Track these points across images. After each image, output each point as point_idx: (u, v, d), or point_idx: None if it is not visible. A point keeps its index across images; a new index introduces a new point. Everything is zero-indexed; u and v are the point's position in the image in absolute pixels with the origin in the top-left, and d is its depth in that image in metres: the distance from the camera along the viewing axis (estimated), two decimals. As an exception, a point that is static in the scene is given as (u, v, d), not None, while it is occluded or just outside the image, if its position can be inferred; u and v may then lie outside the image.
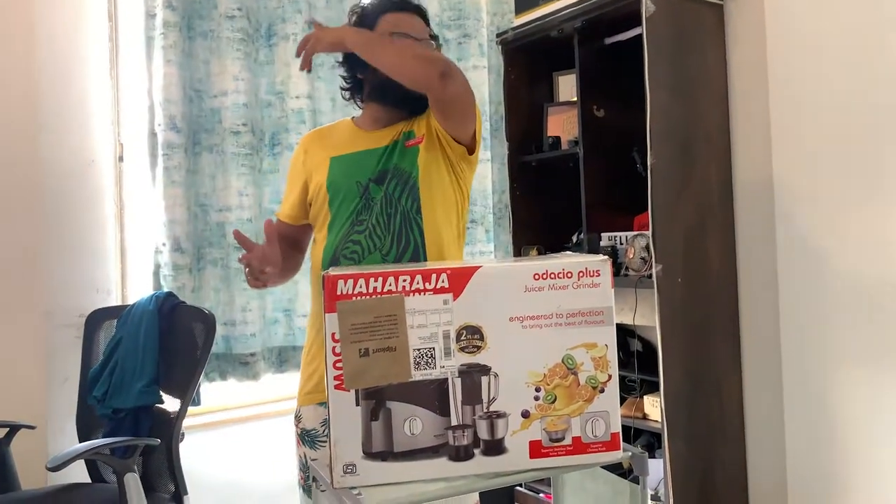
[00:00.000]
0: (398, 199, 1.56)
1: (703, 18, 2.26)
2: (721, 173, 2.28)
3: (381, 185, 1.57)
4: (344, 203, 1.58)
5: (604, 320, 1.14)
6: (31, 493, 2.00)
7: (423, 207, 1.57)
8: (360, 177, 1.58)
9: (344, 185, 1.59)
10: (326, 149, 1.65)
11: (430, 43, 1.62)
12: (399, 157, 1.59)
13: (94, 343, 2.23)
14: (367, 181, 1.57)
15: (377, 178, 1.57)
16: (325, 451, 1.49)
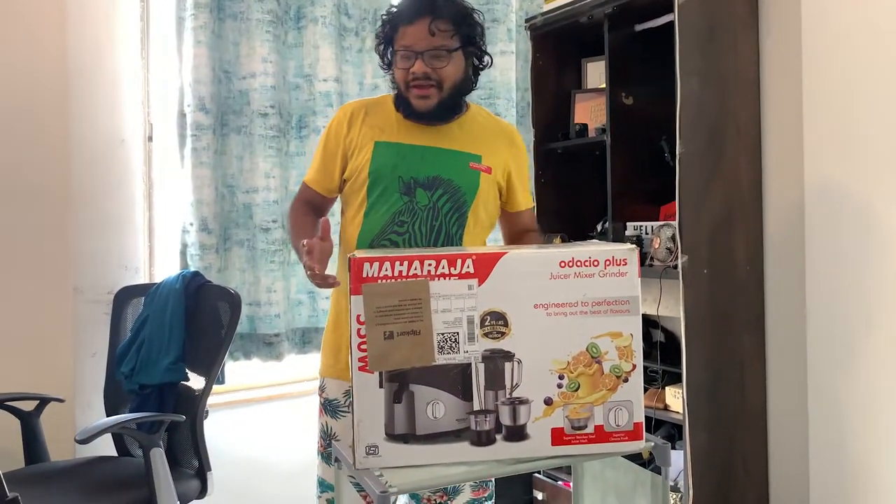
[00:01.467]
0: (445, 215, 1.56)
1: (737, 6, 2.22)
2: (751, 164, 2.25)
3: (429, 192, 1.56)
4: (384, 195, 1.56)
5: (629, 309, 1.14)
6: (60, 465, 2.05)
7: (466, 235, 1.59)
8: (403, 172, 1.56)
9: (387, 176, 1.57)
10: (373, 128, 1.61)
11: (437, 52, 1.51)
12: (457, 172, 1.58)
13: (121, 319, 2.26)
14: (410, 179, 1.56)
15: (426, 182, 1.56)
16: (346, 423, 1.54)
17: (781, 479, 2.25)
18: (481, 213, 1.61)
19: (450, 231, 1.56)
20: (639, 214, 2.39)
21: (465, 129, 1.63)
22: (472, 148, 1.60)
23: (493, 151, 1.62)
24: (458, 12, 1.54)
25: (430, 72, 1.52)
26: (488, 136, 1.65)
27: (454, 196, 1.57)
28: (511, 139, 1.69)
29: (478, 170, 1.59)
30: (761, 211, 2.27)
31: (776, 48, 2.22)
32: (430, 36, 1.50)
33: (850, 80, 2.04)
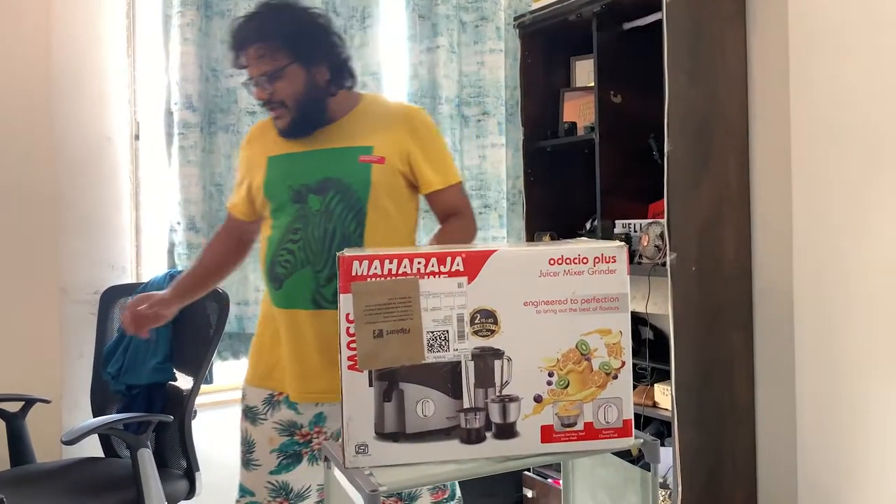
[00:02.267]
0: (339, 216, 1.51)
1: (724, 4, 2.23)
2: (739, 162, 2.26)
3: (321, 195, 1.51)
4: (280, 208, 1.55)
5: (618, 307, 1.14)
6: (46, 466, 2.03)
7: (369, 233, 1.52)
8: (293, 181, 1.53)
9: (279, 189, 1.55)
10: (266, 145, 1.60)
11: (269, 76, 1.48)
12: (346, 169, 1.52)
13: (108, 319, 2.25)
14: (300, 187, 1.52)
15: (317, 187, 1.52)
16: (264, 430, 1.57)
17: (769, 475, 2.27)
18: (386, 206, 1.54)
19: (346, 231, 1.51)
20: (628, 212, 2.40)
21: (355, 123, 1.58)
22: (362, 140, 1.55)
23: (387, 138, 1.55)
24: (277, 30, 1.48)
25: (269, 95, 1.51)
26: (380, 125, 1.58)
27: (346, 195, 1.51)
28: (407, 120, 1.59)
29: (368, 162, 1.52)
30: (749, 208, 2.28)
31: (763, 46, 2.24)
32: (258, 61, 1.49)
33: (836, 76, 2.06)
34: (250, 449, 1.60)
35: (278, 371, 1.58)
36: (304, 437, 1.58)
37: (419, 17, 2.71)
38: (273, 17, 1.50)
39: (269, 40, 1.48)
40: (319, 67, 1.53)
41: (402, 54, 2.71)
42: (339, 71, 1.56)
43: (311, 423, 1.58)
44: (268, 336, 1.62)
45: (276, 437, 1.58)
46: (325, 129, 1.56)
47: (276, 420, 1.58)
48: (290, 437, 1.58)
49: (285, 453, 1.58)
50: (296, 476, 1.59)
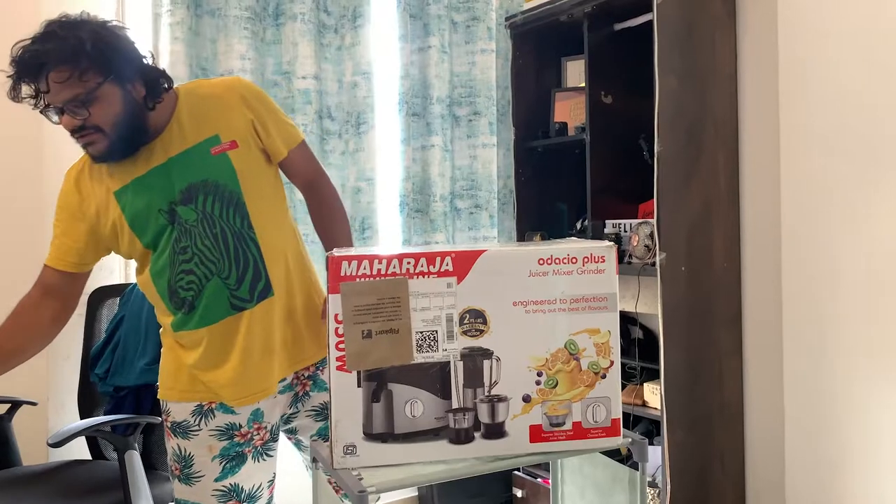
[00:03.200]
0: (220, 216, 1.44)
1: (714, 5, 2.24)
2: (728, 162, 2.27)
3: (191, 204, 1.43)
4: (155, 234, 1.45)
5: (607, 306, 1.14)
6: (32, 469, 2.01)
7: (254, 221, 1.46)
8: (158, 203, 1.43)
9: (146, 216, 1.43)
10: (103, 182, 1.46)
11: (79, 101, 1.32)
12: (205, 167, 1.43)
13: (96, 321, 2.23)
14: (168, 205, 1.43)
15: (182, 198, 1.43)
16: (200, 441, 1.51)
17: (758, 474, 2.27)
18: (263, 188, 1.49)
19: (234, 229, 1.45)
20: (618, 212, 2.41)
21: (185, 119, 1.46)
22: (205, 132, 1.45)
23: (225, 119, 1.46)
24: (80, 49, 1.31)
25: (83, 121, 1.36)
26: (213, 108, 1.47)
27: (218, 193, 1.43)
28: (234, 92, 1.48)
29: (223, 151, 1.44)
30: (738, 208, 2.29)
31: (753, 46, 2.25)
32: (62, 86, 1.32)
33: (825, 77, 2.07)
34: (188, 463, 1.53)
35: (203, 380, 1.51)
36: (243, 437, 1.53)
37: (410, 17, 2.71)
38: (71, 35, 1.32)
39: (72, 62, 1.31)
40: (134, 83, 1.40)
41: (393, 54, 2.71)
42: (154, 82, 1.43)
43: (249, 420, 1.53)
44: (181, 349, 1.54)
45: (215, 444, 1.52)
46: (158, 140, 1.45)
47: (211, 428, 1.52)
48: (230, 441, 1.52)
49: (227, 456, 1.52)
50: (243, 476, 1.53)
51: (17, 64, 1.34)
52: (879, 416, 1.97)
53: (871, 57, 1.97)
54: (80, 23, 1.36)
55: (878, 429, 1.98)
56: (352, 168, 2.61)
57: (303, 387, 1.59)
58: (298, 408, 1.60)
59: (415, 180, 2.73)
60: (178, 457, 1.54)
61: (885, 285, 1.95)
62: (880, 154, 1.96)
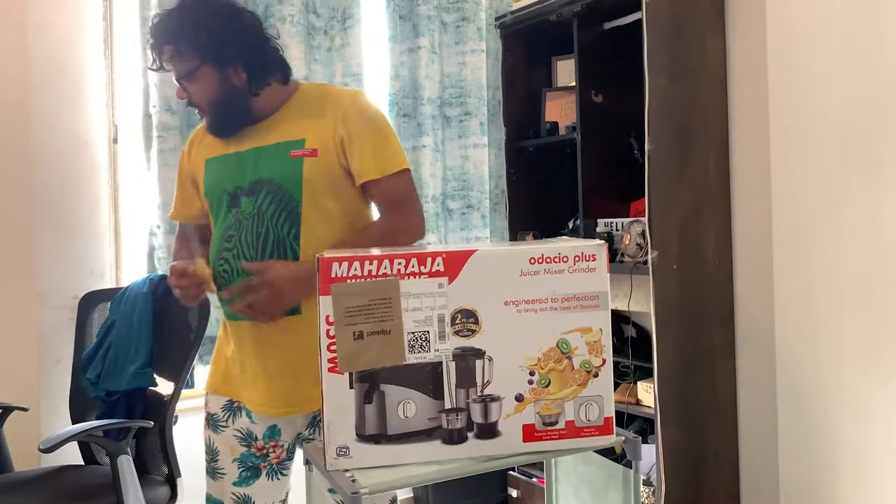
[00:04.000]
0: (271, 218, 1.42)
1: (703, 4, 2.25)
2: (719, 160, 2.27)
3: (253, 197, 1.44)
4: (219, 214, 1.50)
5: (599, 305, 1.14)
6: (23, 475, 2.00)
7: (303, 234, 1.42)
8: (227, 184, 1.47)
9: (216, 193, 1.49)
10: (205, 147, 1.55)
11: (187, 76, 1.43)
12: (278, 167, 1.43)
13: (87, 325, 2.22)
14: (235, 190, 1.46)
15: (249, 188, 1.44)
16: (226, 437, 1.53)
17: (752, 471, 2.28)
18: (326, 204, 1.44)
19: (279, 235, 1.42)
20: (609, 211, 2.41)
21: (287, 116, 1.48)
22: (294, 134, 1.45)
23: (318, 128, 1.44)
24: (187, 30, 1.40)
25: (189, 96, 1.46)
26: (313, 114, 1.47)
27: (277, 195, 1.42)
28: (339, 105, 1.46)
29: (301, 156, 1.42)
30: (730, 206, 2.29)
31: (742, 44, 2.25)
32: (175, 61, 1.44)
33: (814, 75, 2.08)
34: (214, 457, 1.55)
35: (232, 378, 1.54)
36: (259, 451, 1.53)
37: (400, 18, 2.71)
38: (187, 15, 1.41)
39: (179, 41, 1.40)
40: (234, 68, 1.44)
41: (384, 55, 2.70)
42: (259, 69, 1.46)
43: (266, 435, 1.53)
44: (225, 341, 1.57)
45: (236, 445, 1.53)
46: (257, 126, 1.48)
47: (236, 428, 1.53)
48: (247, 448, 1.53)
49: (245, 465, 1.53)
50: (256, 491, 1.53)
51: (148, 37, 1.45)
52: (871, 412, 1.98)
53: (859, 55, 1.98)
54: (200, 4, 1.43)
55: (870, 424, 1.99)
56: (343, 169, 2.60)
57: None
58: (315, 434, 1.52)
59: (406, 181, 2.73)
60: (209, 449, 1.57)
61: (877, 282, 1.96)
62: (870, 151, 1.97)
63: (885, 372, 1.95)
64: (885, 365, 1.95)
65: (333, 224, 1.45)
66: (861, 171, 1.99)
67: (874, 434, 1.98)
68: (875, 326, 1.97)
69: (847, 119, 2.01)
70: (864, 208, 1.98)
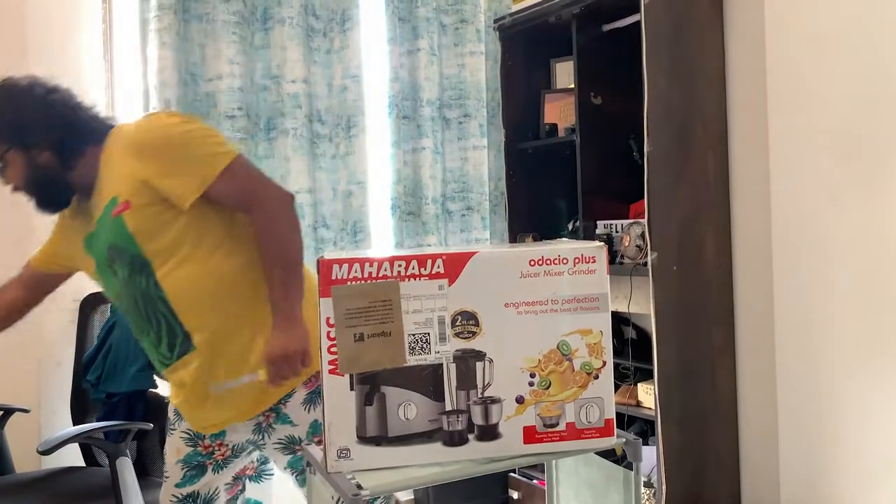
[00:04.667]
0: (129, 281, 1.44)
1: (702, 5, 2.25)
2: (718, 161, 2.28)
3: (114, 265, 1.47)
4: (110, 283, 1.53)
5: (599, 307, 1.14)
6: (24, 477, 2.00)
7: (162, 278, 1.42)
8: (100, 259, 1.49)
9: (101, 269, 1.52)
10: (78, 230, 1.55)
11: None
12: (111, 232, 1.43)
13: (88, 327, 2.22)
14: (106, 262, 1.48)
15: (108, 261, 1.47)
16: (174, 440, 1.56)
17: (752, 472, 2.28)
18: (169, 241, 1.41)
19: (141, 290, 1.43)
20: (609, 213, 2.41)
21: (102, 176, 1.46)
22: (109, 193, 1.43)
23: (120, 178, 1.41)
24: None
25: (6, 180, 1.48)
26: (112, 166, 1.44)
27: (122, 256, 1.43)
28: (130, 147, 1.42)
29: (119, 213, 1.41)
30: (729, 207, 2.30)
31: (741, 46, 2.26)
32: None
33: (812, 76, 2.08)
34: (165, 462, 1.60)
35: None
36: (206, 449, 1.57)
37: (399, 20, 2.71)
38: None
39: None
40: (38, 150, 1.44)
41: (383, 57, 2.71)
42: (68, 143, 1.45)
43: (213, 436, 1.56)
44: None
45: (182, 447, 1.56)
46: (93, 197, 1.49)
47: (183, 430, 1.56)
48: (193, 448, 1.56)
49: (189, 464, 1.56)
50: (201, 485, 1.57)
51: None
52: (872, 412, 1.98)
53: (858, 55, 1.99)
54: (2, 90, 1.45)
55: (870, 424, 1.99)
56: (343, 171, 2.60)
57: (266, 419, 1.54)
58: (265, 439, 1.56)
59: (406, 183, 2.73)
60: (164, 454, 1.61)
61: (876, 282, 1.96)
62: (869, 151, 1.98)
63: (885, 373, 1.95)
64: (885, 366, 1.95)
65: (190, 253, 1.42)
66: (860, 171, 1.99)
67: (875, 435, 1.98)
68: (875, 327, 1.97)
69: (846, 119, 2.01)
70: (864, 208, 1.98)
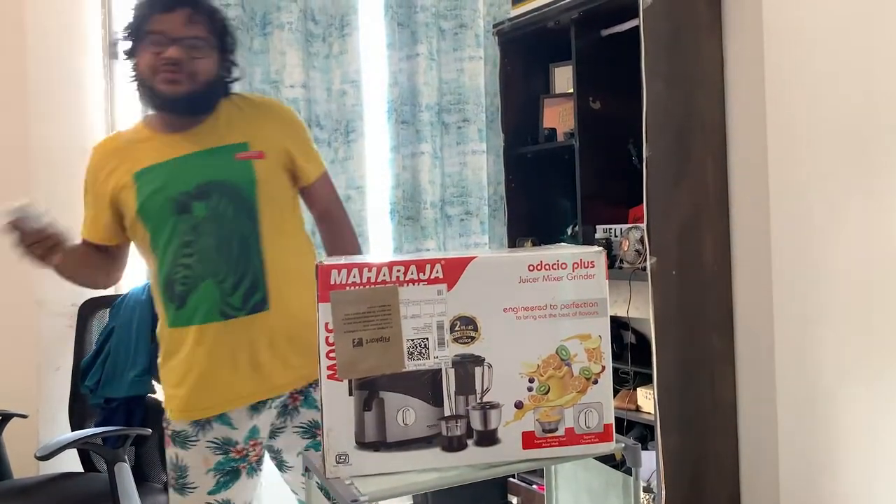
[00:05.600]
0: (232, 220, 1.45)
1: (700, 10, 2.25)
2: (717, 166, 2.28)
3: (205, 201, 1.44)
4: (162, 224, 1.46)
5: (598, 311, 1.14)
6: (23, 482, 2.00)
7: (264, 232, 1.48)
8: (170, 191, 1.45)
9: (156, 202, 1.45)
10: (126, 162, 1.49)
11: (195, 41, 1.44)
12: (226, 169, 1.46)
13: (86, 332, 2.22)
14: (179, 196, 1.44)
15: (197, 193, 1.44)
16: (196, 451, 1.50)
17: (752, 477, 2.28)
18: (280, 204, 1.52)
19: (243, 234, 1.46)
20: (608, 217, 2.42)
21: (223, 121, 1.52)
22: (236, 137, 1.50)
23: (261, 133, 1.52)
24: (215, 11, 1.50)
25: (186, 60, 1.42)
26: (251, 119, 1.54)
27: (235, 197, 1.46)
28: (274, 113, 1.60)
29: (247, 158, 1.48)
30: (728, 211, 2.30)
31: (739, 51, 2.26)
32: (187, 25, 1.43)
33: (810, 81, 2.08)
34: (183, 474, 1.52)
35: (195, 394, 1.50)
36: (239, 454, 1.53)
37: (398, 25, 2.71)
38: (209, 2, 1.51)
39: (202, 13, 1.45)
40: (231, 62, 1.53)
41: (382, 62, 2.71)
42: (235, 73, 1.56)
43: (246, 437, 1.53)
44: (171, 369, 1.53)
45: (210, 456, 1.51)
46: (195, 130, 1.49)
47: (209, 439, 1.51)
48: (224, 456, 1.52)
49: (222, 471, 1.52)
50: (235, 492, 1.53)
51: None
52: (872, 417, 1.98)
53: (856, 60, 1.99)
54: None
55: (870, 429, 1.99)
56: (341, 176, 2.61)
57: (293, 401, 1.56)
58: (286, 422, 1.57)
59: (405, 188, 2.73)
60: (175, 466, 1.54)
61: (876, 286, 1.96)
62: (867, 155, 1.98)
63: (885, 377, 1.95)
64: (885, 370, 1.95)
65: (285, 217, 1.54)
66: (859, 176, 2.00)
67: (875, 440, 1.98)
68: (875, 331, 1.97)
69: (845, 123, 2.02)
70: (863, 212, 1.99)
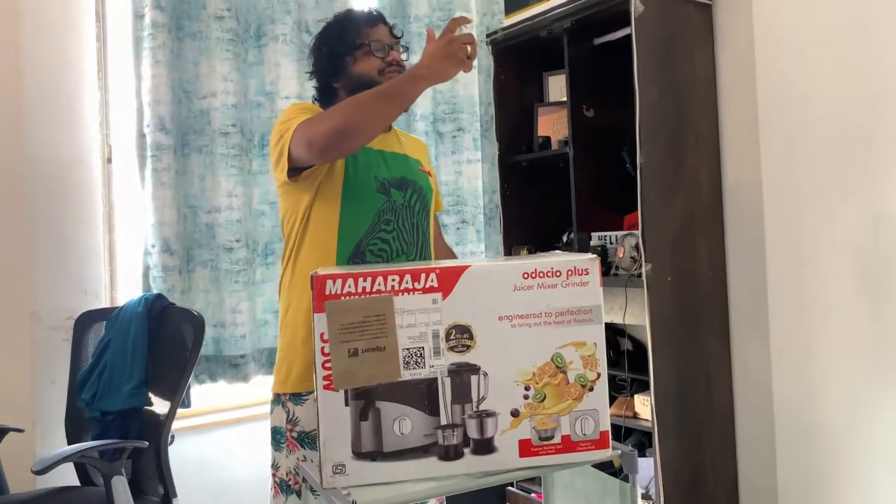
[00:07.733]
0: (418, 213, 1.63)
1: (692, 18, 2.27)
2: (710, 172, 2.29)
3: (402, 192, 1.60)
4: (361, 194, 1.55)
5: (592, 318, 1.15)
6: (18, 497, 1.98)
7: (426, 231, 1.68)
8: (378, 173, 1.58)
9: (362, 175, 1.56)
10: None
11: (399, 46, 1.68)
12: (416, 174, 1.66)
13: (82, 345, 2.21)
14: (383, 180, 1.58)
15: (397, 182, 1.60)
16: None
17: (750, 483, 2.28)
18: (433, 211, 1.73)
19: (423, 228, 1.63)
20: (603, 224, 2.42)
21: (398, 138, 1.71)
22: (414, 153, 1.71)
23: (423, 158, 1.75)
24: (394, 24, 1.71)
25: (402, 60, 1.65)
26: (412, 143, 1.76)
27: (421, 196, 1.64)
28: (425, 148, 1.84)
29: (425, 172, 1.69)
30: (722, 217, 2.31)
31: (731, 58, 2.28)
32: (391, 35, 1.67)
33: (801, 87, 2.10)
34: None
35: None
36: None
37: (392, 36, 2.72)
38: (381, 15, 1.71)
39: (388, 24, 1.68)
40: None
41: (376, 72, 2.71)
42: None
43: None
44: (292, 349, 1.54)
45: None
46: (384, 136, 1.65)
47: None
48: None
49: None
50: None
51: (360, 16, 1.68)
52: (869, 420, 1.98)
53: (847, 65, 2.01)
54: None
55: (868, 434, 1.99)
56: (337, 186, 2.61)
57: None
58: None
59: (401, 197, 2.74)
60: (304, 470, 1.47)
61: (871, 288, 1.97)
62: (860, 159, 1.99)
63: (882, 381, 1.96)
64: (882, 374, 1.96)
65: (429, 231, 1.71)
66: (852, 180, 2.01)
67: (873, 444, 1.98)
68: (871, 334, 1.97)
69: (836, 128, 2.03)
70: (856, 216, 2.00)
